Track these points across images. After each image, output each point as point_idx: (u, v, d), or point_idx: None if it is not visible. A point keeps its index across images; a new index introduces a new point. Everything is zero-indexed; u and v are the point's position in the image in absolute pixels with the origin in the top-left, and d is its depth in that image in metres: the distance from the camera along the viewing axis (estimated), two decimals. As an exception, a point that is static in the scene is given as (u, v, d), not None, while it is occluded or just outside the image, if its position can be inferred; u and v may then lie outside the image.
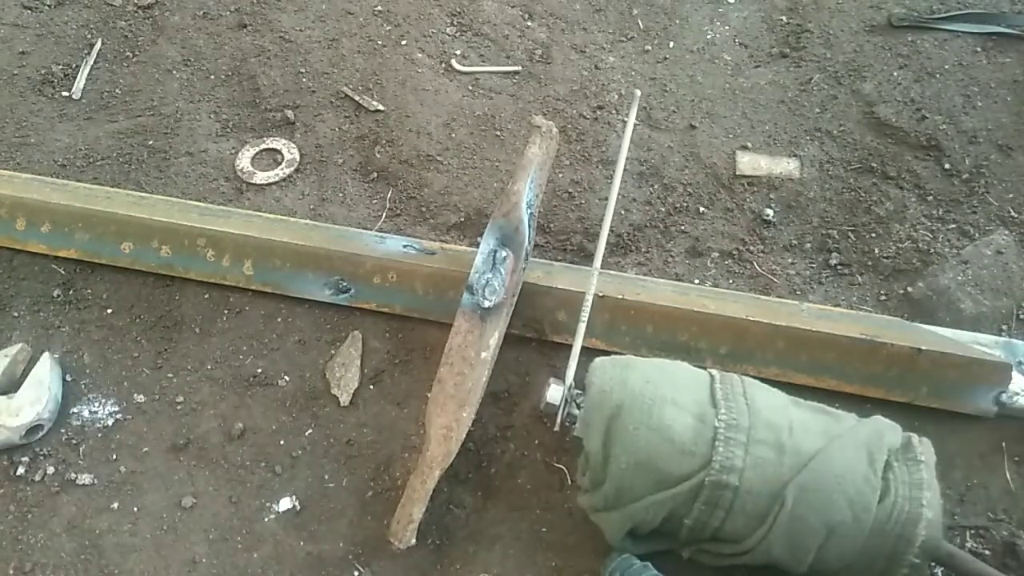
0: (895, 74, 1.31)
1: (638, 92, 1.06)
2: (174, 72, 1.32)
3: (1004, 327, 1.04)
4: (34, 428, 0.94)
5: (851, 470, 0.77)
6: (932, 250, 1.10)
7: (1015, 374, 0.96)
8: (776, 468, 0.77)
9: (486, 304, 0.91)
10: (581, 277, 1.00)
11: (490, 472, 0.94)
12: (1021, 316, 1.05)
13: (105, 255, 1.07)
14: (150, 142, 1.23)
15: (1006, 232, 1.11)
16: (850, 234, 1.13)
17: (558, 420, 0.84)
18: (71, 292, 1.07)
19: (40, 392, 0.95)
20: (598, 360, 0.85)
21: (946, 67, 1.32)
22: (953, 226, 1.13)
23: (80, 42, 1.36)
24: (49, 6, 1.42)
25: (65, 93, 1.29)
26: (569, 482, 0.92)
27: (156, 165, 1.20)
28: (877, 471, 0.77)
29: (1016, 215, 1.14)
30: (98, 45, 1.34)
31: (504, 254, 0.93)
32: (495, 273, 0.92)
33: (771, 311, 0.99)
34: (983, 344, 0.99)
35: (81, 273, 1.08)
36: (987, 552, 0.89)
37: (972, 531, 0.91)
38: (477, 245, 0.96)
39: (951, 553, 0.80)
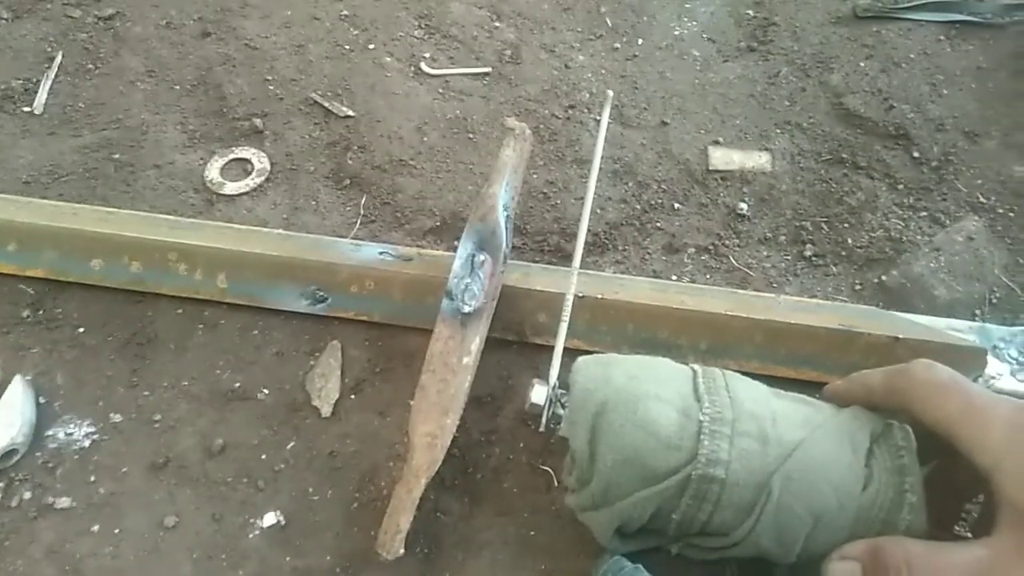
0: (861, 64, 1.33)
1: (611, 93, 1.06)
2: (138, 84, 1.30)
3: (978, 312, 1.06)
4: (8, 453, 0.92)
5: (835, 458, 0.78)
6: (904, 238, 1.12)
7: (991, 358, 0.98)
8: (761, 459, 0.78)
9: (466, 309, 0.91)
10: (560, 278, 1.00)
11: (476, 477, 0.93)
12: (994, 300, 1.07)
13: (74, 273, 1.05)
14: (116, 156, 1.21)
15: (976, 218, 1.13)
16: (823, 225, 1.14)
17: (543, 421, 0.84)
18: (41, 312, 1.04)
19: (13, 416, 0.93)
20: (580, 359, 0.85)
21: (911, 56, 1.34)
22: (924, 214, 1.15)
23: (40, 56, 1.33)
24: (6, 20, 1.39)
25: (27, 109, 1.26)
26: (556, 484, 0.92)
27: (123, 179, 1.18)
28: (860, 458, 0.78)
29: (985, 201, 1.16)
30: (59, 58, 1.32)
31: (482, 258, 0.92)
32: (474, 278, 0.92)
33: (749, 305, 0.99)
34: (958, 330, 1.01)
35: (50, 292, 1.06)
36: (969, 535, 0.90)
37: (956, 514, 0.92)
38: (454, 249, 0.95)
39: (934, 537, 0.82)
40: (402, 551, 0.83)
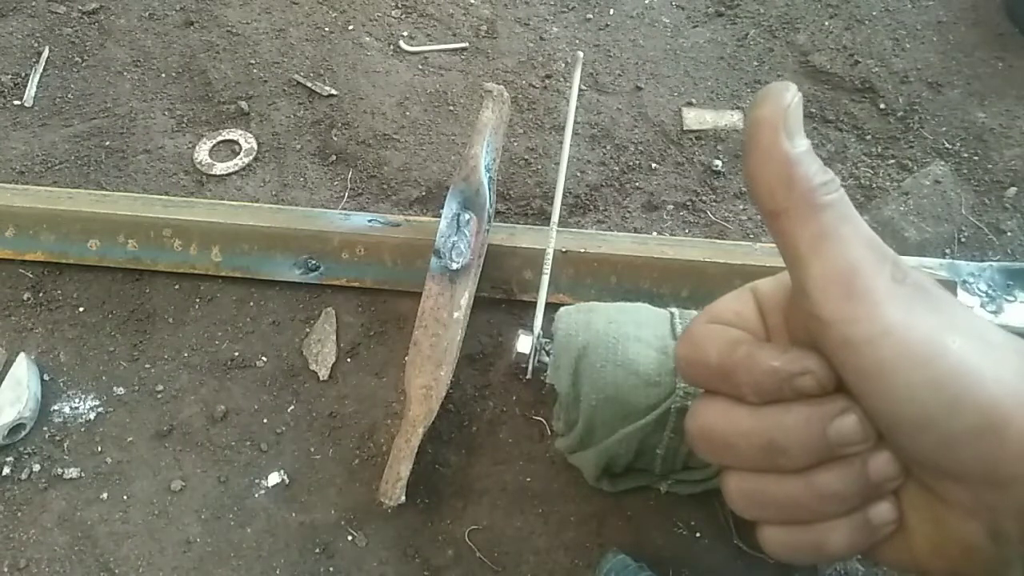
0: (826, 23, 1.37)
1: (580, 54, 1.09)
2: (124, 73, 1.33)
3: (947, 250, 1.10)
4: (16, 428, 0.95)
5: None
6: (874, 185, 1.16)
7: (961, 292, 1.02)
8: (739, 390, 0.81)
9: (454, 266, 0.94)
10: (543, 236, 1.03)
11: (472, 431, 0.97)
12: (963, 239, 1.11)
13: (72, 254, 1.07)
14: (107, 143, 1.23)
15: (942, 163, 1.17)
16: (796, 177, 1.18)
17: (529, 368, 0.87)
18: (41, 294, 1.07)
19: (19, 392, 0.96)
20: (563, 308, 0.89)
21: (874, 14, 1.38)
22: (892, 161, 1.19)
23: (27, 51, 1.36)
24: (-9, 19, 1.41)
25: (17, 102, 1.29)
26: (549, 432, 0.96)
27: (115, 165, 1.21)
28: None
29: (950, 146, 1.20)
30: (46, 52, 1.34)
31: (467, 217, 0.96)
32: (460, 236, 0.95)
33: (727, 252, 1.03)
34: (929, 267, 1.05)
35: (50, 275, 1.09)
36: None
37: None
38: (440, 215, 0.98)
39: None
40: (403, 499, 0.86)
